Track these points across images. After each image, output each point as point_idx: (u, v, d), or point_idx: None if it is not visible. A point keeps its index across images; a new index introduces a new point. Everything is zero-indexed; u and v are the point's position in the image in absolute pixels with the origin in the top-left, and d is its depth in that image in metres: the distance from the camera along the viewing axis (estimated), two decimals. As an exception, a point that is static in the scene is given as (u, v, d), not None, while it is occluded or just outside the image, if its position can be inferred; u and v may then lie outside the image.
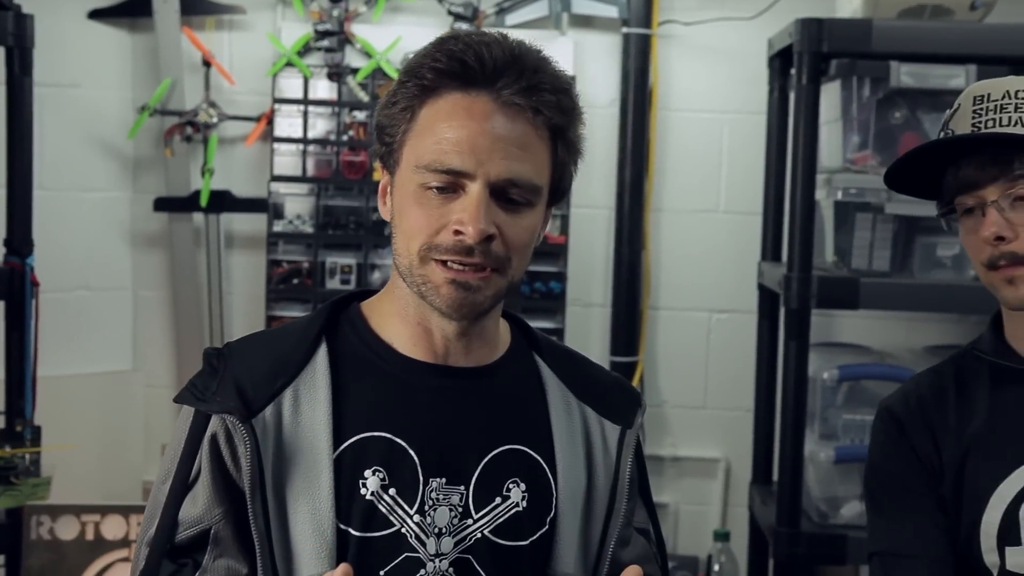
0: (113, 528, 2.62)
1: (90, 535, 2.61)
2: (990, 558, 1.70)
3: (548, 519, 1.54)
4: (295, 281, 3.15)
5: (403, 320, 1.53)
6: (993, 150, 1.63)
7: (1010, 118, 1.63)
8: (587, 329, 3.20)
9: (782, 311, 2.68)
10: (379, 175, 1.55)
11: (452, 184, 1.41)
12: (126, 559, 2.60)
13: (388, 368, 1.53)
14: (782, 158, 2.90)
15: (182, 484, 1.46)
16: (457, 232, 1.40)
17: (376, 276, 3.16)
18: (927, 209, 1.98)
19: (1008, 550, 1.69)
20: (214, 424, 1.45)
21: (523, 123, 1.43)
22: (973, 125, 1.65)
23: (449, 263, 1.42)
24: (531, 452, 1.54)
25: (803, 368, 2.65)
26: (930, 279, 2.68)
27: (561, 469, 1.55)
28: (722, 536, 3.01)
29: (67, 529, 2.60)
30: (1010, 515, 1.69)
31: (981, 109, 1.65)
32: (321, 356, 1.51)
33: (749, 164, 3.14)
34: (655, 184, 3.19)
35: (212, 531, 1.46)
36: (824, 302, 2.62)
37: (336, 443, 1.47)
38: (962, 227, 1.70)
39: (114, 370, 3.23)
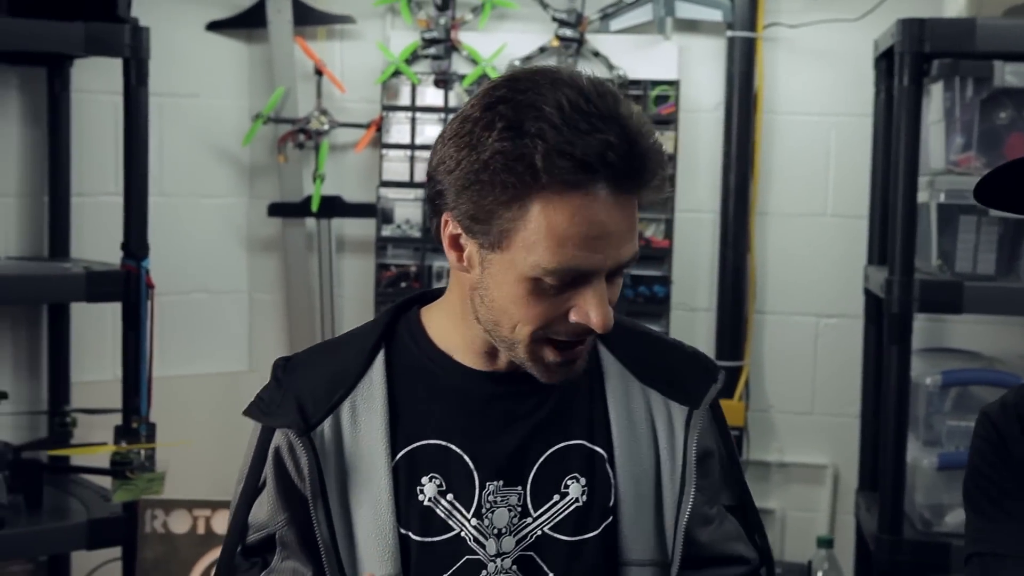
0: (223, 523, 2.58)
1: (201, 529, 2.67)
2: None
3: (609, 508, 1.54)
4: (403, 284, 3.17)
5: (465, 340, 1.53)
6: None
7: None
8: (692, 333, 3.16)
9: (885, 316, 2.63)
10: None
11: (573, 281, 1.38)
12: None
13: (444, 377, 1.54)
14: (888, 160, 2.84)
15: (251, 491, 1.52)
16: (583, 322, 1.39)
17: None
18: None
19: None
20: (278, 437, 1.49)
21: (633, 209, 1.41)
22: None
23: (563, 351, 1.43)
24: (590, 445, 1.55)
25: (905, 373, 2.62)
26: None
27: (619, 458, 1.55)
28: (825, 543, 2.96)
29: (180, 523, 2.66)
30: None
31: None
32: (378, 368, 1.53)
33: (856, 167, 3.10)
34: (760, 187, 3.17)
35: (277, 535, 1.52)
36: (927, 306, 2.59)
37: (393, 452, 1.50)
38: None
39: (230, 371, 3.29)
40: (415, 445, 1.50)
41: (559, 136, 1.31)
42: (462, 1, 3.14)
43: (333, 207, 3.18)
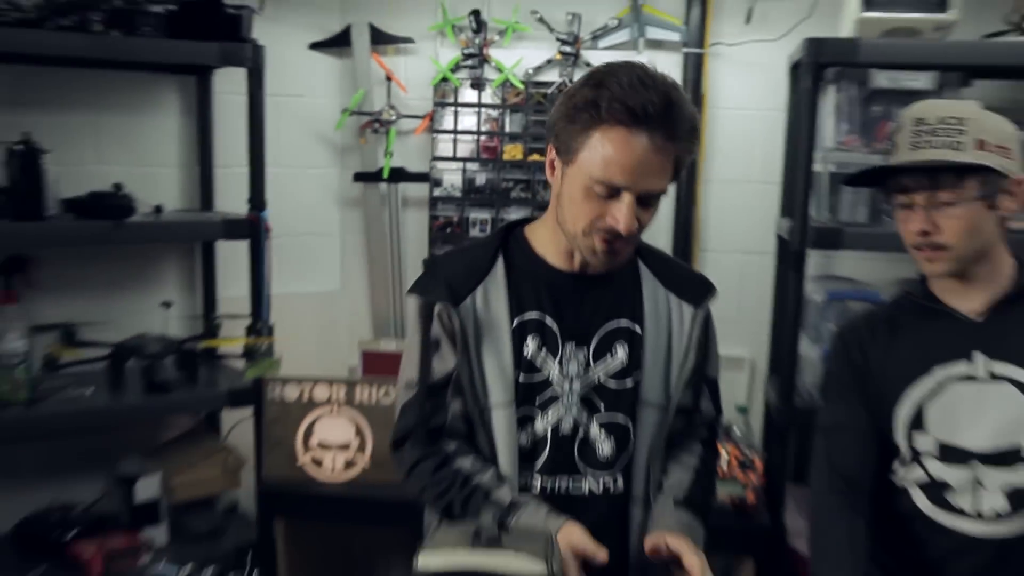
0: (320, 393, 2.85)
1: (305, 397, 2.85)
2: (902, 440, 1.83)
3: (639, 367, 1.75)
4: (448, 230, 3.31)
5: (555, 245, 1.75)
6: (924, 169, 1.71)
7: (941, 141, 1.69)
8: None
9: (789, 252, 2.78)
10: (513, 151, 1.76)
11: (613, 192, 1.59)
12: (329, 413, 2.84)
13: (542, 273, 1.76)
14: (795, 142, 2.94)
15: (427, 349, 1.71)
16: (613, 224, 1.61)
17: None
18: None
19: (914, 433, 1.82)
20: (437, 308, 1.69)
21: (664, 156, 1.58)
22: (912, 144, 1.72)
23: (606, 241, 1.64)
24: (631, 324, 1.76)
25: (801, 293, 2.77)
26: (896, 228, 2.66)
27: (648, 335, 1.76)
28: (742, 410, 3.13)
29: (291, 392, 2.85)
30: (918, 409, 1.82)
31: (919, 131, 1.72)
32: (499, 266, 1.75)
33: (773, 147, 3.20)
34: (705, 162, 3.27)
35: (453, 376, 1.71)
36: (818, 244, 2.69)
37: (511, 320, 1.72)
38: (897, 214, 1.79)
39: (327, 291, 3.46)
40: (524, 317, 1.72)
41: (621, 91, 1.55)
42: (491, 26, 3.24)
43: (399, 175, 3.32)
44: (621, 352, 1.76)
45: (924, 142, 1.71)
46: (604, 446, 1.75)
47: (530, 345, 1.72)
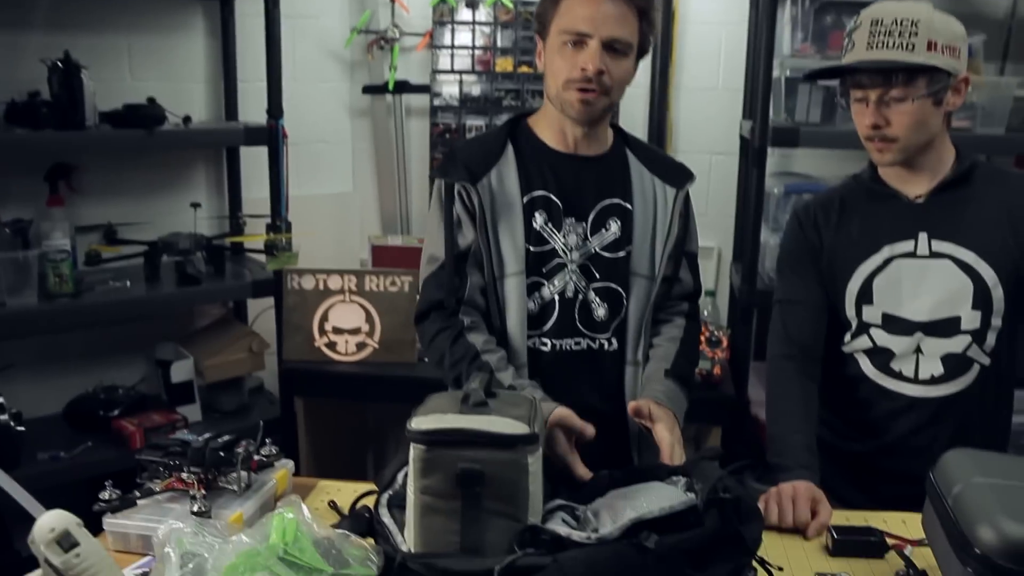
0: (334, 283, 2.82)
1: (321, 287, 2.82)
2: (851, 312, 1.81)
3: (630, 240, 1.77)
4: (447, 136, 3.24)
5: (550, 127, 1.77)
6: (879, 68, 1.66)
7: (895, 42, 1.63)
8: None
9: (750, 151, 2.72)
10: (504, 64, 1.75)
11: (580, 41, 1.62)
12: (342, 301, 2.81)
13: (545, 155, 1.76)
14: (756, 51, 2.87)
15: (450, 225, 1.72)
16: (583, 69, 1.62)
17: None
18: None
19: (862, 306, 1.80)
20: (457, 187, 1.70)
21: (622, 5, 1.62)
22: (868, 44, 1.65)
23: (580, 89, 1.64)
24: (623, 202, 1.77)
25: (762, 187, 2.72)
26: (845, 128, 2.64)
27: (637, 211, 1.77)
28: (710, 293, 3.12)
29: (307, 282, 2.82)
30: (867, 284, 1.79)
31: (875, 31, 1.65)
32: (509, 150, 1.75)
33: (737, 56, 3.11)
34: (676, 70, 3.19)
35: (473, 248, 1.72)
36: (776, 143, 2.65)
37: (522, 197, 1.72)
38: (853, 107, 1.74)
39: (340, 192, 3.40)
40: (532, 194, 1.73)
41: None
42: None
43: (403, 87, 3.25)
44: (614, 226, 1.76)
45: (879, 42, 1.65)
46: (600, 310, 1.76)
47: (538, 219, 1.72)
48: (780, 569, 1.32)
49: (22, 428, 2.35)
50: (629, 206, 1.77)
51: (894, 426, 1.80)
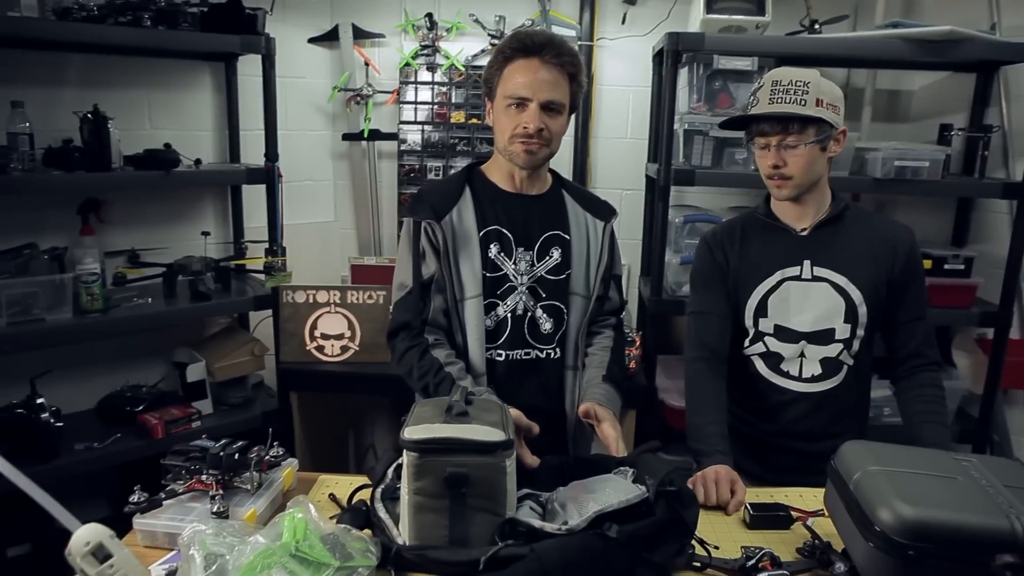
0: (321, 297, 2.69)
1: (311, 300, 2.69)
2: (749, 323, 1.77)
3: (569, 265, 1.69)
4: (412, 175, 3.12)
5: (500, 172, 1.68)
6: (778, 118, 1.62)
7: (791, 98, 1.60)
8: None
9: (656, 188, 2.64)
10: (458, 116, 1.58)
11: (521, 104, 1.55)
12: (329, 312, 2.68)
13: (497, 195, 1.67)
14: (659, 108, 2.82)
15: (417, 257, 1.61)
16: (525, 127, 1.55)
17: (452, 171, 3.06)
18: (731, 134, 1.97)
19: (760, 319, 1.75)
20: (423, 225, 1.60)
21: (555, 72, 1.55)
22: (770, 99, 1.63)
23: (523, 142, 1.57)
24: (562, 233, 1.69)
25: (665, 217, 2.64)
26: (730, 170, 2.65)
27: (574, 242, 1.69)
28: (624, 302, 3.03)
29: (300, 297, 2.68)
30: (763, 301, 1.75)
31: (776, 89, 1.63)
32: (467, 192, 1.65)
33: (642, 113, 3.06)
34: (594, 124, 3.12)
35: (435, 277, 1.62)
36: (677, 182, 2.58)
37: (479, 231, 1.62)
38: (756, 152, 1.69)
39: (324, 221, 3.25)
40: (487, 228, 1.64)
41: (515, 37, 1.58)
42: (441, 25, 3.03)
43: (375, 135, 3.11)
44: (556, 253, 1.68)
45: (779, 98, 1.63)
46: (547, 324, 1.68)
47: (492, 250, 1.64)
48: (716, 548, 1.23)
49: (61, 424, 2.22)
50: (567, 236, 1.69)
51: (784, 414, 1.77)
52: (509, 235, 1.64)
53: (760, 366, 1.78)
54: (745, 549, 1.22)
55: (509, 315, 1.64)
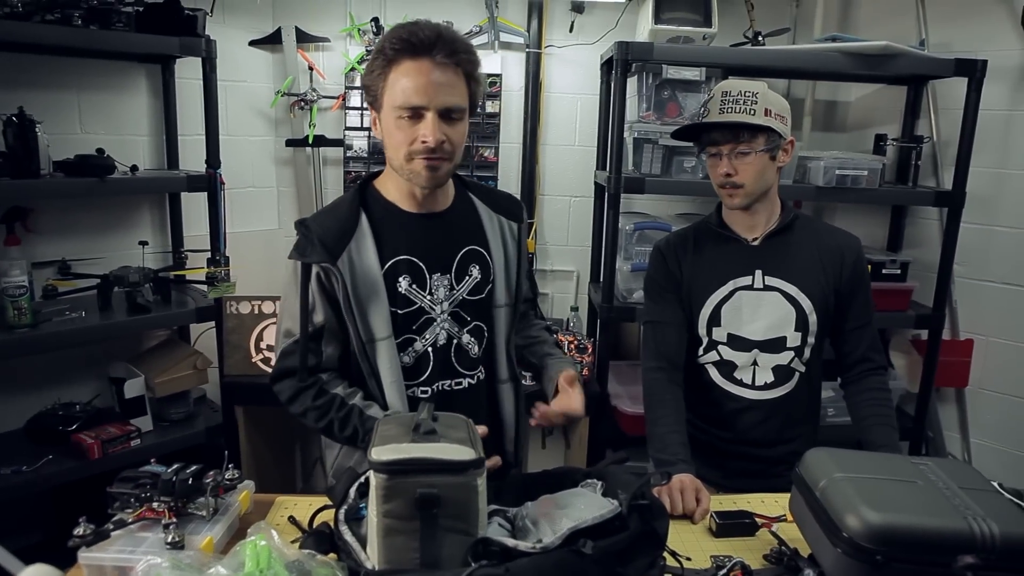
0: (267, 307, 2.62)
1: (256, 311, 2.62)
2: (703, 332, 1.77)
3: (491, 279, 1.55)
4: (358, 181, 3.00)
5: (398, 189, 1.47)
6: (729, 127, 1.63)
7: (741, 108, 1.61)
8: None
9: (606, 195, 2.64)
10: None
11: (416, 114, 1.34)
12: (274, 323, 2.58)
13: (398, 219, 1.47)
14: (608, 116, 2.83)
15: (306, 305, 1.40)
16: (424, 142, 1.34)
17: None
18: (680, 143, 1.98)
19: (713, 328, 1.76)
20: (315, 269, 1.40)
21: (450, 72, 1.34)
22: (720, 109, 1.63)
23: (424, 158, 1.37)
24: (479, 248, 1.53)
25: (616, 225, 2.64)
26: (679, 178, 2.67)
27: (493, 252, 1.55)
28: (574, 309, 3.05)
29: (244, 308, 2.61)
30: (716, 310, 1.76)
31: (726, 100, 1.63)
32: (363, 219, 1.44)
33: (591, 120, 3.06)
34: (542, 131, 3.10)
35: (327, 327, 1.44)
36: (627, 190, 2.58)
37: (382, 266, 1.43)
38: (708, 161, 1.70)
39: (268, 229, 3.16)
40: (392, 260, 1.44)
41: (398, 33, 1.33)
42: (387, 29, 2.98)
43: (320, 141, 3.05)
44: (475, 271, 1.53)
45: (729, 108, 1.64)
46: (475, 348, 1.56)
47: (403, 284, 1.46)
48: (688, 559, 1.22)
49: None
50: (484, 250, 1.54)
51: (738, 421, 1.79)
52: (420, 263, 1.46)
53: (714, 374, 1.79)
54: (715, 558, 1.22)
55: (430, 348, 1.50)
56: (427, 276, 1.47)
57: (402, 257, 1.45)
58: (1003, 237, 2.84)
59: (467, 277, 1.52)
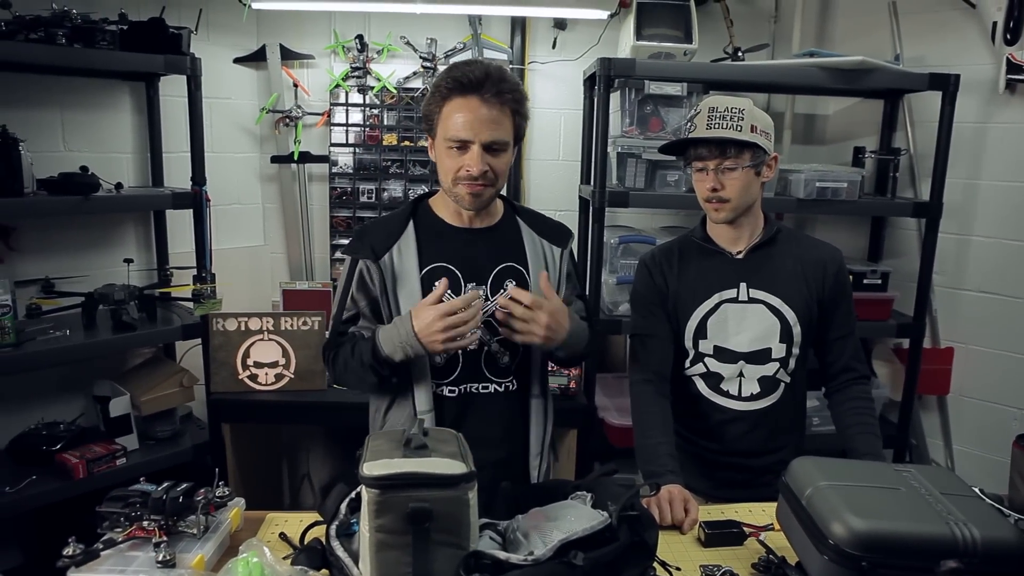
0: (254, 324, 2.60)
1: (243, 328, 2.59)
2: (690, 344, 1.79)
3: None
4: (343, 198, 3.07)
5: (447, 207, 1.62)
6: (716, 142, 1.65)
7: (727, 124, 1.63)
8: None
9: (591, 209, 2.65)
10: (390, 139, 1.59)
11: (463, 146, 1.48)
12: (262, 339, 2.58)
13: (443, 231, 1.62)
14: (592, 132, 2.84)
15: (346, 293, 1.61)
16: (468, 171, 1.49)
17: (385, 195, 3.07)
18: (663, 157, 2.00)
19: (699, 341, 1.77)
20: (361, 264, 1.58)
21: (496, 109, 1.47)
22: (707, 125, 1.65)
23: (467, 184, 1.51)
24: (517, 266, 1.63)
25: (601, 238, 2.65)
26: (663, 192, 2.69)
27: (532, 272, 1.63)
28: None
29: (231, 324, 2.59)
30: (702, 322, 1.77)
31: (712, 115, 1.65)
32: (410, 228, 1.60)
33: (574, 136, 3.07)
34: (527, 146, 3.13)
35: (361, 311, 1.61)
36: (612, 204, 2.60)
37: (420, 270, 1.57)
38: (694, 176, 1.71)
39: (254, 245, 3.16)
40: (430, 266, 1.58)
41: (452, 74, 1.49)
42: (372, 47, 2.99)
43: (305, 157, 3.05)
44: (511, 286, 1.60)
45: (715, 124, 1.65)
46: (504, 358, 1.64)
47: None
48: (678, 569, 1.23)
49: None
50: (522, 267, 1.63)
51: (725, 432, 1.80)
52: (457, 271, 1.59)
53: (701, 386, 1.80)
54: (704, 568, 1.23)
55: (460, 352, 1.59)
56: (463, 284, 1.58)
57: (440, 263, 1.58)
58: (979, 246, 2.89)
59: (502, 290, 1.60)
